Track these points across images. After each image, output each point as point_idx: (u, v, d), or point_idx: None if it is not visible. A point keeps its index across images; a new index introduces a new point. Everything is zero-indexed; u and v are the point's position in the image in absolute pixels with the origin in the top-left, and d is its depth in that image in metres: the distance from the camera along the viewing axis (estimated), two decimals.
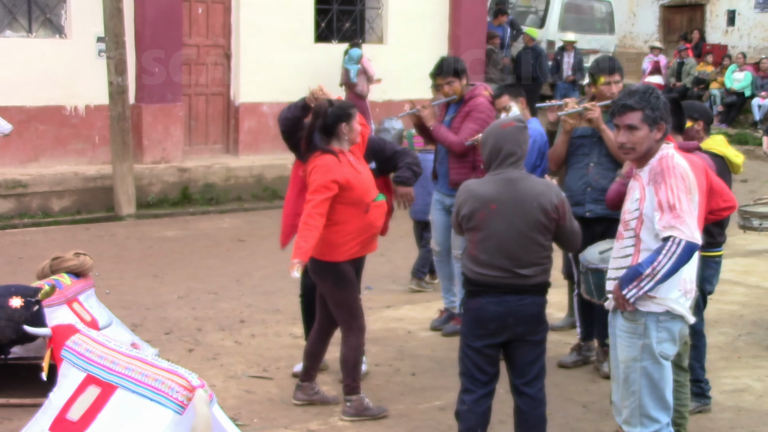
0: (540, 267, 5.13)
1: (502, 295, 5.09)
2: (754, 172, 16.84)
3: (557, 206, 5.09)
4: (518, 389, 5.29)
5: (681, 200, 4.51)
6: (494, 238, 5.08)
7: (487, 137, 5.25)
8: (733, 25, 24.33)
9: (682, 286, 4.65)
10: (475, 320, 5.19)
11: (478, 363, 5.22)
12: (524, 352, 5.21)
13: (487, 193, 5.12)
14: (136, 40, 13.85)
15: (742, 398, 6.77)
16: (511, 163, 5.14)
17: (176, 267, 10.23)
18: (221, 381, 6.79)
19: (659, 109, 4.67)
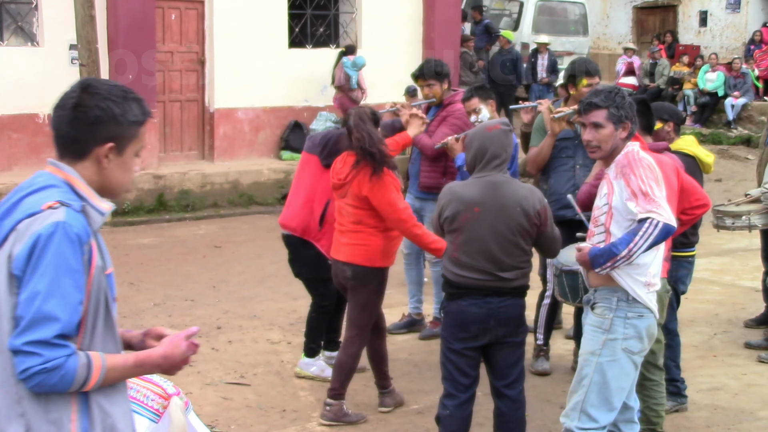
0: (520, 271, 5.15)
1: (483, 297, 5.10)
2: (728, 171, 16.97)
3: (540, 212, 5.10)
4: (499, 391, 5.29)
5: (652, 187, 4.54)
6: (477, 240, 5.09)
7: (472, 139, 5.26)
8: (705, 25, 24.53)
9: (647, 278, 4.65)
10: (456, 323, 5.18)
11: (460, 366, 5.22)
12: (505, 354, 5.22)
13: (470, 196, 5.13)
14: (109, 47, 13.80)
15: (718, 396, 6.81)
16: (496, 166, 5.14)
17: (152, 274, 10.19)
18: (198, 388, 6.77)
19: (624, 108, 4.71)
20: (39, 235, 2.70)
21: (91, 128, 2.86)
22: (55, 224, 2.71)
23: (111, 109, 2.89)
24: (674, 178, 5.51)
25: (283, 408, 6.48)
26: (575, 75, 6.84)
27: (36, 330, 2.67)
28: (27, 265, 2.71)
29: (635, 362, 4.75)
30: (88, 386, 2.77)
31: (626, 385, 4.77)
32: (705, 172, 6.67)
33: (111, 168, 2.94)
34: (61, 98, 2.88)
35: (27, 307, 2.68)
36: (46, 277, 2.68)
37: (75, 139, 2.87)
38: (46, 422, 2.76)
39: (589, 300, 4.85)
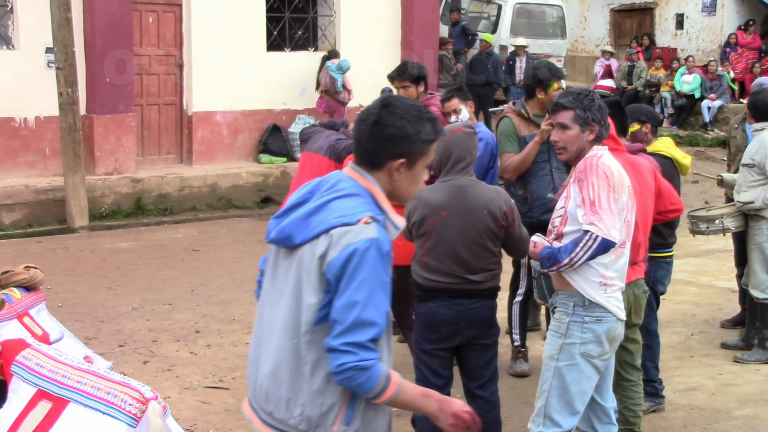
0: (490, 273, 5.18)
1: (453, 298, 5.13)
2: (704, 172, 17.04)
3: (506, 213, 5.12)
4: (472, 393, 5.32)
5: (601, 198, 4.53)
6: (444, 244, 5.11)
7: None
8: (682, 28, 24.64)
9: (600, 278, 4.63)
10: (426, 325, 5.21)
11: (432, 367, 5.25)
12: (477, 355, 5.25)
13: (436, 200, 5.14)
14: (86, 50, 13.75)
15: (695, 397, 6.85)
16: (461, 169, 5.17)
17: (130, 278, 10.15)
18: (177, 392, 6.75)
19: (592, 111, 4.70)
20: (356, 249, 3.05)
21: (386, 144, 3.19)
22: (370, 240, 3.06)
23: (405, 128, 3.18)
24: (651, 181, 5.55)
25: None
26: (547, 78, 6.81)
27: (354, 334, 3.02)
28: (342, 273, 3.05)
29: (596, 366, 4.73)
30: (382, 398, 3.10)
31: (587, 388, 4.75)
32: (682, 174, 6.72)
33: (401, 180, 3.25)
34: (364, 113, 3.26)
35: (345, 314, 3.04)
36: (363, 289, 3.03)
37: (372, 152, 3.22)
38: (318, 406, 3.15)
39: (552, 303, 4.87)
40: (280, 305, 3.23)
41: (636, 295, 5.38)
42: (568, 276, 4.62)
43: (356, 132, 3.24)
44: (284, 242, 3.23)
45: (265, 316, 3.33)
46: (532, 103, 6.91)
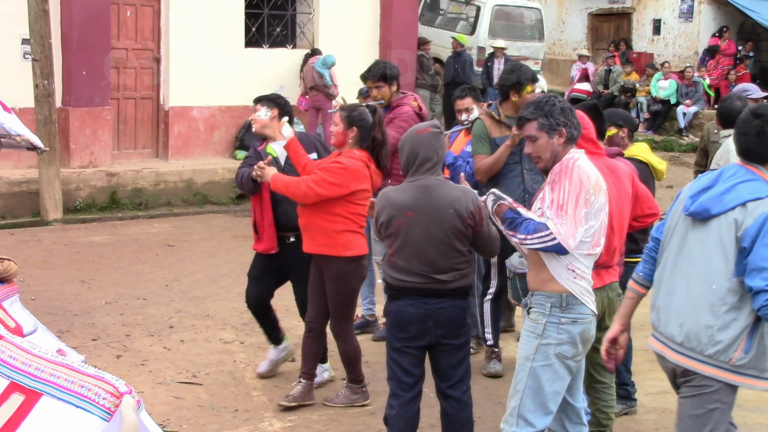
0: (458, 272, 5.17)
1: (421, 298, 5.15)
2: (679, 178, 17.14)
3: (473, 212, 5.11)
4: (444, 392, 5.33)
5: (568, 204, 4.58)
6: (411, 244, 5.12)
7: (403, 143, 5.28)
8: (659, 34, 24.79)
9: (568, 265, 4.65)
10: (395, 323, 5.24)
11: (402, 365, 5.26)
12: (447, 355, 5.26)
13: (403, 201, 5.15)
14: (63, 42, 13.67)
15: (667, 400, 6.88)
16: (428, 169, 5.17)
17: (104, 272, 10.10)
18: (150, 387, 6.72)
19: (554, 115, 4.71)
20: (766, 214, 4.09)
21: None
22: None
23: None
24: (628, 185, 5.57)
25: (235, 408, 6.46)
26: (521, 82, 6.83)
27: None
28: (757, 234, 4.08)
29: (569, 367, 4.77)
30: None
31: (560, 389, 4.79)
32: (657, 179, 6.76)
33: None
34: (742, 124, 4.30)
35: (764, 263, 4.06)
36: None
37: (761, 153, 4.26)
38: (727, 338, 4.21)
39: (527, 304, 4.89)
40: (698, 261, 4.27)
41: (610, 298, 5.42)
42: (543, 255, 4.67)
43: (743, 140, 4.26)
44: (701, 214, 4.24)
45: (678, 271, 4.36)
46: (506, 105, 6.93)
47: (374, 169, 6.27)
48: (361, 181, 6.16)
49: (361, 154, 6.21)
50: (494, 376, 7.16)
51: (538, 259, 4.77)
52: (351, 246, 6.21)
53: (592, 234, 4.67)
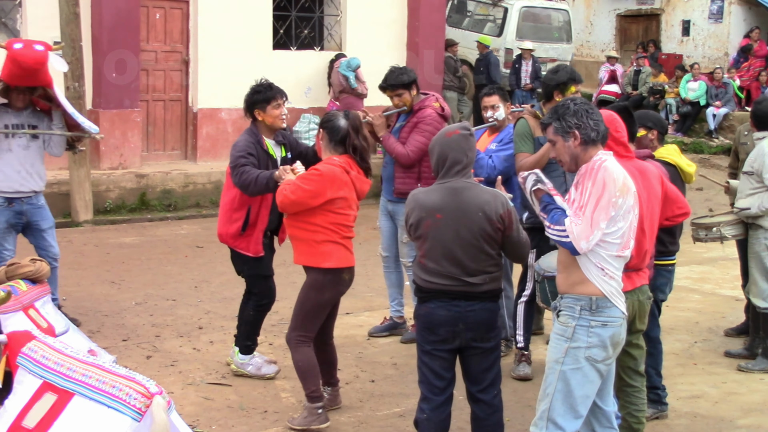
0: (488, 275, 5.15)
1: (451, 300, 5.13)
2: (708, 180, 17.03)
3: (502, 216, 5.09)
4: (474, 396, 5.31)
5: (588, 206, 4.60)
6: (440, 246, 5.11)
7: (433, 146, 5.29)
8: (688, 35, 24.63)
9: (598, 263, 4.66)
10: (425, 326, 5.22)
11: (433, 368, 5.24)
12: (478, 359, 5.23)
13: (432, 203, 5.15)
14: (93, 45, 13.76)
15: (698, 404, 6.85)
16: (457, 172, 5.15)
17: (134, 273, 10.16)
18: (179, 388, 6.75)
19: (566, 118, 4.74)
20: None
21: None
22: None
23: None
24: (658, 186, 5.54)
25: (264, 409, 6.47)
26: (565, 82, 6.84)
27: None
28: None
29: (599, 370, 4.76)
30: None
31: (590, 392, 4.78)
32: (686, 182, 6.71)
33: None
34: None
35: None
36: None
37: None
38: None
39: (556, 307, 4.87)
40: None
41: (640, 300, 5.39)
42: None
43: None
44: None
45: None
46: (550, 105, 6.92)
47: (356, 175, 6.06)
48: (339, 187, 5.95)
49: (341, 159, 6.02)
50: (523, 379, 7.14)
51: (568, 262, 4.76)
52: (330, 257, 6.02)
53: (621, 235, 4.66)
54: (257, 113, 6.70)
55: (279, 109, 6.68)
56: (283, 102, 6.71)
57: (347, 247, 6.11)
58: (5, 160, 7.67)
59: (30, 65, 7.39)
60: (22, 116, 7.77)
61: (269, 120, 6.68)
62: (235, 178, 6.53)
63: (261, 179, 6.42)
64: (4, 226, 7.70)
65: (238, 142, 6.69)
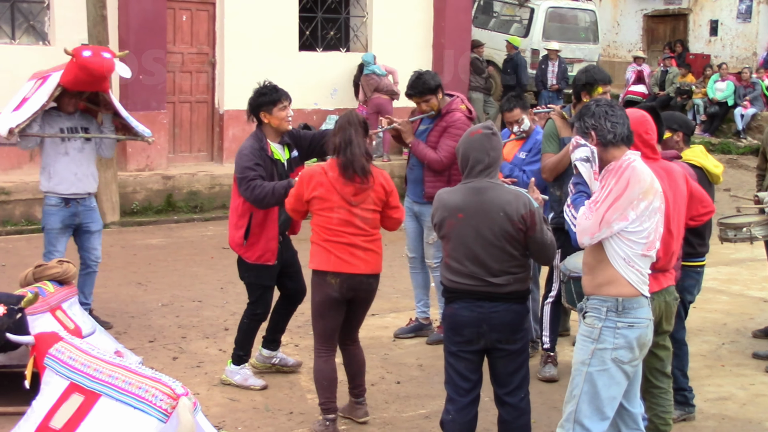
0: (513, 276, 5.12)
1: (475, 301, 5.11)
2: (736, 181, 16.92)
3: (524, 216, 5.05)
4: (501, 399, 5.29)
5: (604, 203, 4.60)
6: (463, 246, 5.11)
7: (458, 147, 5.30)
8: (716, 35, 24.46)
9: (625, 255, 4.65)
10: (450, 326, 5.22)
11: (459, 370, 5.24)
12: (505, 362, 5.21)
13: (454, 202, 5.15)
14: (120, 46, 13.82)
15: (726, 406, 6.80)
16: (480, 171, 5.13)
17: (160, 275, 10.20)
18: (205, 389, 6.77)
19: (585, 119, 4.77)
20: None
21: None
22: None
23: None
24: (683, 185, 5.49)
25: (290, 410, 6.48)
26: (592, 83, 6.83)
27: None
28: None
29: (625, 371, 4.74)
30: None
31: (617, 394, 4.77)
32: (714, 183, 6.65)
33: None
34: None
35: None
36: None
37: None
38: None
39: (582, 308, 4.86)
40: None
41: (667, 302, 5.36)
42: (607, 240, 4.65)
43: None
44: None
45: None
46: (579, 106, 6.91)
47: (335, 176, 5.84)
48: (314, 187, 5.84)
49: (329, 161, 5.95)
50: (549, 380, 7.11)
51: (594, 264, 4.75)
52: (312, 258, 5.95)
53: (647, 236, 4.64)
54: (263, 115, 6.61)
55: (285, 111, 6.62)
56: (288, 104, 6.66)
57: (333, 252, 5.87)
58: (62, 163, 7.86)
59: (101, 73, 7.59)
60: (74, 119, 7.96)
61: (275, 122, 6.61)
62: (245, 192, 6.46)
63: (278, 190, 6.36)
64: (59, 226, 7.89)
65: (242, 150, 6.60)
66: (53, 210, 7.88)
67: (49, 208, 7.90)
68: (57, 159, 7.85)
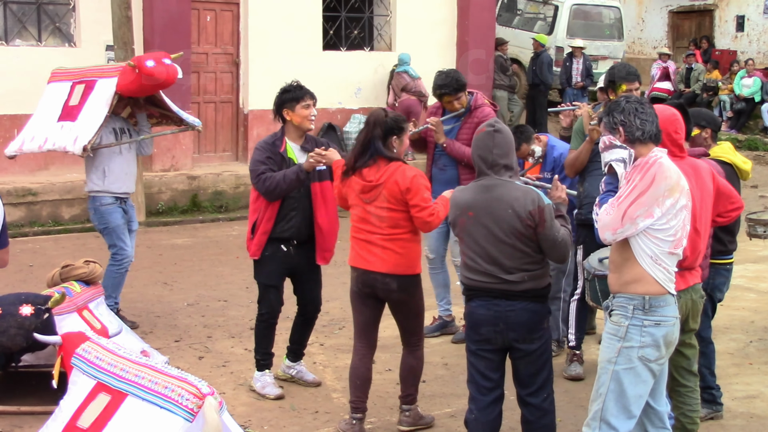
0: (527, 273, 5.07)
1: (492, 299, 5.10)
2: (764, 177, 16.81)
3: (532, 213, 4.99)
4: (524, 400, 5.27)
5: (627, 199, 4.61)
6: (476, 244, 5.11)
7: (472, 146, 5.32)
8: (743, 30, 24.29)
9: (652, 254, 4.65)
10: (469, 325, 5.25)
11: (479, 369, 5.23)
12: (526, 363, 5.18)
13: (465, 200, 5.16)
14: (145, 47, 13.88)
15: (754, 405, 6.75)
16: (489, 168, 5.11)
17: (186, 274, 10.25)
18: (231, 388, 6.79)
19: (614, 114, 4.79)
20: None
21: None
22: None
23: None
24: (710, 183, 5.45)
25: (315, 410, 6.49)
26: (615, 80, 6.82)
27: None
28: None
29: (652, 370, 4.73)
30: None
31: (644, 392, 4.75)
32: (743, 179, 6.61)
33: None
34: None
35: None
36: None
37: None
38: None
39: (608, 306, 4.84)
40: None
41: (693, 300, 5.32)
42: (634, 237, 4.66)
43: None
44: None
45: None
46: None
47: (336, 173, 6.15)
48: (339, 182, 6.15)
49: None
50: (575, 379, 7.08)
51: (620, 261, 4.73)
52: None
53: (674, 233, 4.62)
54: (286, 112, 6.61)
55: (308, 109, 6.62)
56: (312, 103, 6.65)
57: (355, 247, 6.01)
58: (116, 162, 8.07)
59: (168, 81, 8.00)
60: (120, 118, 8.23)
61: (297, 120, 6.59)
62: (257, 185, 6.50)
63: (289, 176, 6.40)
64: (122, 222, 8.11)
65: (256, 146, 6.68)
66: (111, 208, 8.04)
67: (106, 207, 8.02)
68: (112, 158, 8.03)
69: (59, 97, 8.10)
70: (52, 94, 8.19)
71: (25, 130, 8.18)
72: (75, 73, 8.28)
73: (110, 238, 8.07)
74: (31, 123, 8.21)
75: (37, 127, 8.09)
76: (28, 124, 8.22)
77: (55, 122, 7.98)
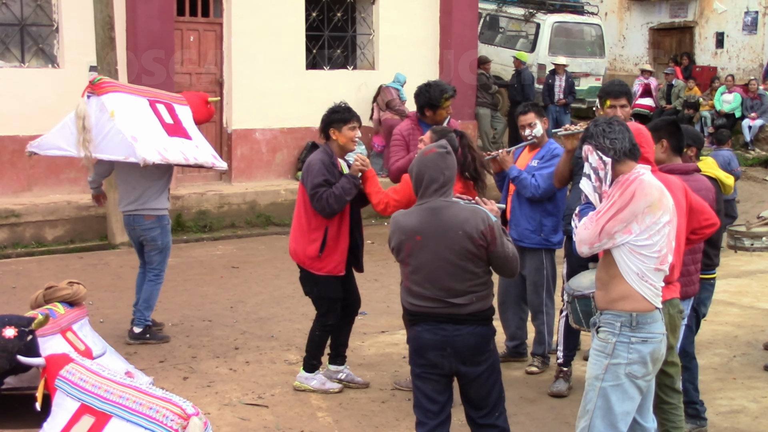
0: (474, 294, 5.00)
1: (438, 323, 5.00)
2: (746, 192, 16.92)
3: (483, 232, 4.93)
4: (476, 422, 5.16)
5: (606, 214, 4.66)
6: (423, 269, 4.99)
7: (412, 166, 5.17)
8: (722, 47, 24.47)
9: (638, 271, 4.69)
10: (414, 349, 5.11)
11: (426, 392, 5.09)
12: (476, 386, 5.08)
13: (411, 225, 5.03)
14: (129, 68, 13.89)
15: (738, 419, 6.77)
16: (435, 191, 5.01)
17: (170, 295, 10.21)
18: (216, 409, 6.77)
19: (585, 140, 4.86)
20: None
21: None
22: None
23: None
24: (682, 199, 5.43)
25: (301, 429, 6.48)
26: (601, 96, 6.90)
27: None
28: None
29: (639, 386, 4.75)
30: None
31: (631, 409, 4.77)
32: (725, 194, 6.68)
33: None
34: None
35: None
36: None
37: None
38: None
39: (595, 323, 4.86)
40: None
41: (671, 314, 5.34)
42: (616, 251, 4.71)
43: None
44: None
45: None
46: None
47: None
48: None
49: None
50: (557, 396, 7.08)
51: (607, 279, 4.76)
52: None
53: (658, 250, 4.65)
54: (332, 132, 6.89)
55: (354, 131, 6.91)
56: (358, 126, 6.94)
57: None
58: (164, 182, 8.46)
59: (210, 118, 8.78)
60: None
61: (342, 140, 6.89)
62: (319, 205, 6.70)
63: (345, 186, 6.72)
64: None
65: (312, 165, 6.83)
66: (169, 228, 8.57)
67: (168, 226, 8.57)
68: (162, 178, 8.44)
69: (144, 111, 8.22)
70: (125, 104, 8.20)
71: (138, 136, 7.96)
72: (138, 90, 8.62)
73: (165, 256, 8.56)
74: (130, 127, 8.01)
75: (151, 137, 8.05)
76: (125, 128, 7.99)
77: (168, 136, 8.15)
